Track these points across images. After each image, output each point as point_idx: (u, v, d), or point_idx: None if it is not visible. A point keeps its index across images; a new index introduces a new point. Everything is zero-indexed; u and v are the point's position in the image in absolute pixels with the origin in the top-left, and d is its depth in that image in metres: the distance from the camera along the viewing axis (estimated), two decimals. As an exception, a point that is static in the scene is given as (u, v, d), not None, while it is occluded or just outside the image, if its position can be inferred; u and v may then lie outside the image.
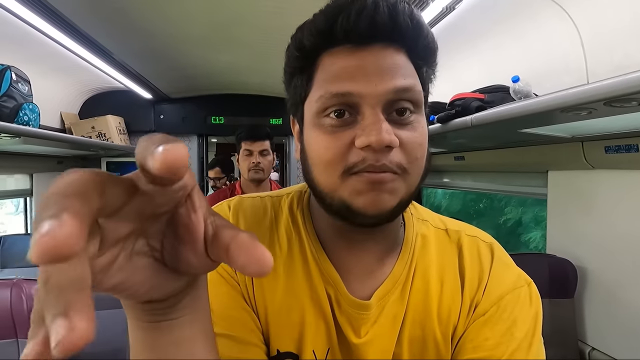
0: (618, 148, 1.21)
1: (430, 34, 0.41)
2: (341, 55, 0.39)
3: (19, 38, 1.75)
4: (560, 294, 1.42)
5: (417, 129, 0.40)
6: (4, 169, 2.28)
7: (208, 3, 1.55)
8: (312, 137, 0.41)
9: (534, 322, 0.44)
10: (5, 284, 1.18)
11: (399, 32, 0.38)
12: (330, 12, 0.39)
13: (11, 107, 1.71)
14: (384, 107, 0.38)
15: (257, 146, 1.70)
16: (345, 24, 0.37)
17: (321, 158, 0.40)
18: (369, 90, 0.38)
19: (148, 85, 2.74)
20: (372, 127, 0.37)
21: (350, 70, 0.38)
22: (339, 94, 0.38)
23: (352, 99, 0.38)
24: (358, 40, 0.38)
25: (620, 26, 1.12)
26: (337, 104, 0.39)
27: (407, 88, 0.39)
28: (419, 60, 0.41)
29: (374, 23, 0.37)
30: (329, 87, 0.39)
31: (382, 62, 0.38)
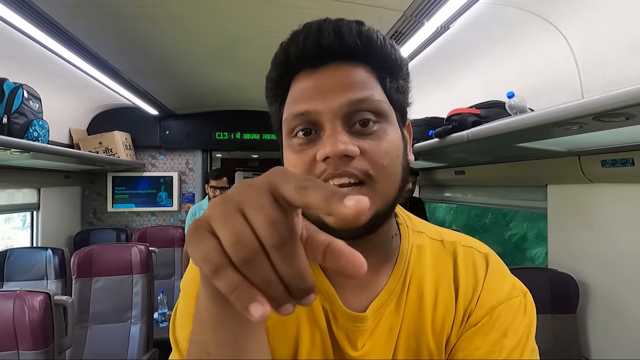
0: (614, 162, 1.22)
1: (387, 47, 0.43)
2: (301, 80, 0.42)
3: (31, 58, 1.82)
4: (562, 310, 1.40)
5: (383, 138, 0.41)
6: (13, 184, 2.33)
7: (212, 24, 1.61)
8: (286, 158, 0.44)
9: (527, 332, 0.44)
10: (8, 295, 1.20)
11: (347, 50, 0.41)
12: (285, 44, 0.42)
13: (22, 124, 1.77)
14: (343, 120, 0.40)
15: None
16: (296, 51, 0.41)
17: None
18: (324, 106, 0.40)
19: (154, 102, 2.81)
20: (329, 139, 0.39)
21: (308, 92, 0.41)
22: (299, 114, 0.41)
23: (312, 117, 0.41)
24: (312, 64, 0.41)
25: (611, 44, 1.15)
26: (300, 123, 0.41)
27: (363, 99, 0.40)
28: (379, 72, 0.43)
29: (320, 46, 0.40)
30: (291, 109, 0.42)
31: (336, 79, 0.41)
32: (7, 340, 1.15)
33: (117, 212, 3.32)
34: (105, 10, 1.44)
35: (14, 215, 3.74)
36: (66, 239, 2.95)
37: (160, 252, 2.45)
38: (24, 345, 1.16)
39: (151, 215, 3.39)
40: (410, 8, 1.31)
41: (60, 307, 1.30)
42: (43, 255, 2.17)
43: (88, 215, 3.28)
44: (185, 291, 0.46)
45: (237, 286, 0.22)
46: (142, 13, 1.49)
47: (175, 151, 3.40)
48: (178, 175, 3.39)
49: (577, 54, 1.26)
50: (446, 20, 1.35)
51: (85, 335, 1.93)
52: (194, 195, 3.44)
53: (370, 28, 0.42)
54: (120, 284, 2.02)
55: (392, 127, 0.43)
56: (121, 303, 2.01)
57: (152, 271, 2.13)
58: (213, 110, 3.29)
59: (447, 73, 1.89)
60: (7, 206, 2.40)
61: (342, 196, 0.21)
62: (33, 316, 1.18)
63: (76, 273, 1.96)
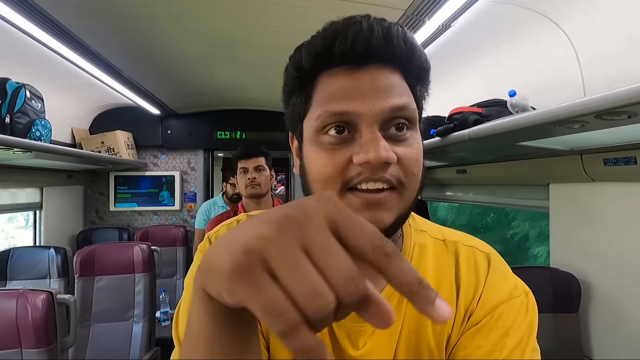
0: (616, 161, 1.22)
1: (423, 55, 0.43)
2: (339, 76, 0.41)
3: (34, 57, 1.83)
4: (564, 309, 1.40)
5: (413, 145, 0.42)
6: (16, 183, 2.34)
7: (212, 24, 1.61)
8: (311, 154, 0.43)
9: (528, 331, 0.44)
10: (11, 294, 1.20)
11: (393, 54, 0.40)
12: (327, 35, 0.40)
13: (24, 123, 1.77)
14: (381, 124, 0.40)
15: (251, 163, 1.76)
16: (343, 47, 0.39)
17: (320, 174, 0.41)
18: (366, 109, 0.39)
19: (156, 101, 2.82)
20: (370, 144, 0.38)
21: (347, 91, 0.40)
22: (337, 113, 0.40)
23: (350, 118, 0.40)
24: (354, 62, 0.40)
25: (614, 42, 1.14)
26: (335, 122, 0.40)
27: (403, 106, 0.40)
28: (412, 79, 0.43)
29: (370, 46, 0.39)
30: (327, 106, 0.40)
31: (377, 82, 0.40)
32: (10, 339, 1.16)
33: (119, 211, 3.33)
34: (107, 10, 1.45)
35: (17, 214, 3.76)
36: (69, 238, 2.96)
37: (162, 251, 2.46)
38: (26, 344, 1.17)
39: (153, 215, 3.40)
40: (411, 6, 1.31)
41: (63, 305, 1.31)
42: (46, 254, 2.18)
43: (90, 215, 3.29)
44: (188, 289, 0.46)
45: (314, 348, 0.19)
46: (144, 13, 1.49)
47: (177, 150, 3.41)
48: (180, 174, 3.40)
49: (579, 52, 1.26)
50: (447, 18, 1.34)
51: (87, 334, 1.94)
52: (195, 195, 3.45)
53: (413, 37, 0.42)
54: (122, 283, 2.03)
55: (418, 135, 0.44)
56: (123, 302, 2.02)
57: (154, 270, 2.14)
58: (214, 109, 3.29)
59: (448, 72, 1.88)
60: (11, 205, 2.41)
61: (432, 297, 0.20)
62: (36, 315, 1.18)
63: (79, 272, 1.97)
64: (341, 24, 0.40)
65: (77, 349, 1.87)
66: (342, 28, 0.40)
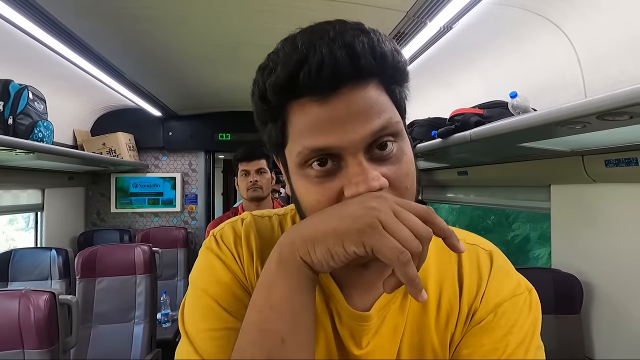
0: (618, 162, 1.22)
1: (395, 56, 0.40)
2: (310, 107, 0.38)
3: (36, 59, 1.84)
4: (566, 310, 1.40)
5: (402, 159, 0.40)
6: (18, 184, 2.35)
7: (215, 26, 1.62)
8: (300, 186, 0.41)
9: (532, 328, 0.44)
10: (14, 294, 1.21)
11: (362, 72, 0.37)
12: (289, 65, 0.37)
13: (27, 125, 1.78)
14: (365, 149, 0.38)
15: (253, 165, 1.74)
16: (308, 80, 0.36)
17: (313, 208, 0.40)
18: (347, 140, 0.37)
19: (157, 103, 2.83)
20: (359, 177, 0.37)
21: (323, 123, 0.37)
22: (317, 149, 0.38)
23: (332, 151, 0.38)
24: (324, 92, 0.37)
25: (614, 43, 1.15)
26: (318, 156, 0.39)
27: (385, 126, 0.38)
28: (389, 85, 0.41)
29: (337, 73, 0.36)
30: (305, 142, 0.38)
31: (352, 107, 0.37)
32: (12, 339, 1.16)
33: (120, 212, 3.33)
34: (109, 12, 1.45)
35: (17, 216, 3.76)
36: (70, 240, 2.96)
37: (163, 252, 2.46)
38: (29, 344, 1.17)
39: (154, 216, 3.41)
40: (413, 8, 1.31)
41: (65, 306, 1.31)
42: (47, 255, 2.19)
43: (92, 216, 3.29)
44: (195, 285, 0.46)
45: (417, 276, 0.33)
46: (146, 14, 1.50)
47: (178, 152, 3.41)
48: (181, 176, 3.40)
49: (580, 53, 1.26)
50: (449, 20, 1.35)
51: (88, 335, 1.94)
52: (196, 196, 3.46)
53: (381, 39, 0.39)
54: (123, 284, 2.03)
55: (406, 143, 0.42)
56: (125, 303, 2.02)
57: (155, 271, 2.14)
58: (216, 111, 3.30)
59: (449, 73, 1.89)
60: (12, 207, 2.42)
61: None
62: (38, 315, 1.18)
63: (80, 273, 1.97)
64: (300, 50, 0.37)
65: (78, 350, 1.86)
66: (303, 58, 0.36)
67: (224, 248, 0.48)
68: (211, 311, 0.43)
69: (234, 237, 0.49)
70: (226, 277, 0.46)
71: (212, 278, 0.46)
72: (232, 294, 0.45)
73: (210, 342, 0.41)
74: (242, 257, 0.48)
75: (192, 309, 0.45)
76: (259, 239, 0.49)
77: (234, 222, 0.51)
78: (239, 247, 0.48)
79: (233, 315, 0.43)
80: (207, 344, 0.41)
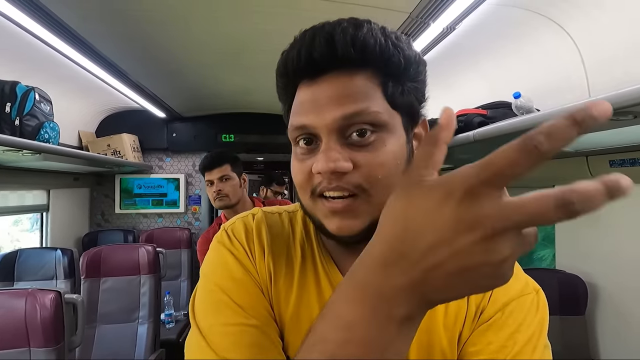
0: (622, 162, 1.22)
1: (389, 49, 0.40)
2: (302, 90, 0.42)
3: (43, 61, 1.86)
4: (570, 311, 1.39)
5: (379, 149, 0.40)
6: (24, 185, 2.37)
7: (219, 29, 1.63)
8: (291, 162, 0.45)
9: (539, 327, 0.44)
10: (20, 293, 1.22)
11: (340, 60, 0.39)
12: (285, 52, 0.42)
13: (33, 126, 1.80)
14: (339, 133, 0.40)
15: (215, 174, 1.67)
16: (292, 64, 0.41)
17: (296, 182, 0.44)
18: (320, 121, 0.40)
19: (162, 104, 2.84)
20: (322, 155, 0.40)
21: (305, 105, 0.41)
22: (299, 127, 0.42)
23: (310, 130, 0.41)
24: (309, 75, 0.41)
25: (619, 44, 1.14)
26: (300, 134, 0.42)
27: (357, 112, 0.39)
28: (381, 77, 0.41)
29: (312, 58, 0.39)
30: (293, 120, 0.43)
31: (331, 92, 0.40)
32: (19, 338, 1.17)
33: (125, 213, 3.35)
34: (115, 14, 1.47)
35: (22, 217, 3.79)
36: (75, 240, 2.98)
37: (167, 253, 2.47)
38: (35, 343, 1.18)
39: (158, 217, 3.42)
40: (416, 9, 1.32)
41: (70, 305, 1.32)
42: (52, 255, 2.20)
43: (96, 217, 3.31)
44: (208, 279, 0.47)
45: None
46: (151, 17, 1.51)
47: (182, 153, 3.43)
48: (185, 177, 3.42)
49: (584, 54, 1.26)
50: (452, 21, 1.35)
51: (93, 335, 1.95)
52: (200, 197, 3.47)
53: (370, 30, 0.40)
54: (128, 285, 2.04)
55: (392, 136, 0.42)
56: (129, 303, 2.03)
57: (159, 272, 2.15)
58: (219, 113, 3.31)
59: (453, 74, 1.89)
60: (18, 207, 2.44)
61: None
62: (44, 314, 1.19)
63: (85, 273, 1.99)
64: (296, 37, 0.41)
65: (83, 349, 1.88)
66: (293, 43, 0.41)
67: (236, 243, 0.49)
68: (224, 306, 0.44)
69: (245, 232, 0.50)
70: (239, 273, 0.46)
71: (225, 273, 0.46)
72: (245, 289, 0.46)
73: (223, 337, 0.42)
74: (253, 252, 0.48)
75: (204, 303, 0.45)
76: (269, 235, 0.50)
77: (245, 217, 0.52)
78: (250, 242, 0.49)
79: (245, 310, 0.44)
80: (220, 339, 0.42)
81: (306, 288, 0.48)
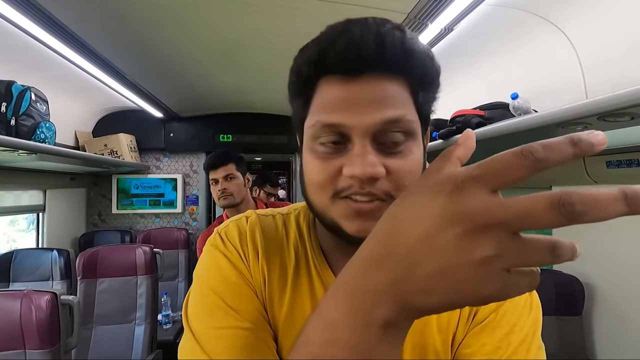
0: (619, 163, 1.22)
1: (426, 60, 0.41)
2: (334, 85, 0.40)
3: (39, 61, 1.85)
4: (567, 312, 1.40)
5: (408, 157, 0.41)
6: (20, 185, 2.35)
7: (216, 29, 1.63)
8: (307, 160, 0.43)
9: (533, 328, 0.45)
10: (16, 294, 1.21)
11: (388, 63, 0.39)
12: (322, 43, 0.40)
13: (29, 126, 1.79)
14: (373, 137, 0.39)
15: (220, 172, 1.70)
16: (335, 57, 0.38)
17: (313, 181, 0.42)
18: (357, 122, 0.39)
19: (159, 104, 2.83)
20: (358, 158, 0.38)
21: (340, 102, 0.39)
22: (329, 125, 0.40)
23: (342, 129, 0.40)
24: (349, 72, 0.39)
25: (616, 45, 1.15)
26: (328, 133, 0.40)
27: (397, 119, 0.39)
28: (414, 86, 0.41)
29: (360, 56, 0.38)
30: (321, 116, 0.40)
31: (371, 93, 0.39)
32: (14, 340, 1.16)
33: (122, 214, 3.34)
34: (111, 14, 1.46)
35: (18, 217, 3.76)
36: (71, 241, 2.97)
37: (164, 253, 2.46)
38: (30, 345, 1.17)
39: (155, 217, 3.41)
40: (414, 10, 1.32)
41: (66, 306, 1.31)
42: (49, 256, 2.19)
43: (93, 217, 3.30)
44: (201, 282, 0.46)
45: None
46: (148, 17, 1.51)
47: (180, 153, 3.42)
48: (182, 177, 3.41)
49: (581, 55, 1.26)
50: (450, 22, 1.35)
51: (90, 336, 1.94)
52: (197, 197, 3.46)
53: (413, 38, 0.40)
54: (125, 285, 2.03)
55: (417, 144, 0.42)
56: (126, 304, 2.02)
57: (156, 272, 2.14)
58: (217, 113, 3.31)
59: (450, 75, 1.89)
60: (14, 208, 2.42)
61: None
62: (40, 315, 1.19)
63: (81, 274, 1.97)
64: (336, 30, 0.39)
65: (79, 351, 1.87)
66: (336, 36, 0.39)
67: (230, 246, 0.48)
68: (218, 309, 0.43)
69: (239, 235, 0.49)
70: (232, 276, 0.46)
71: (219, 276, 0.46)
72: (239, 292, 0.45)
73: (216, 340, 0.41)
74: (247, 255, 0.48)
75: (198, 306, 0.45)
76: (263, 238, 0.49)
77: (239, 220, 0.52)
78: (244, 245, 0.49)
79: (239, 313, 0.43)
80: (214, 342, 0.41)
81: (300, 290, 0.48)
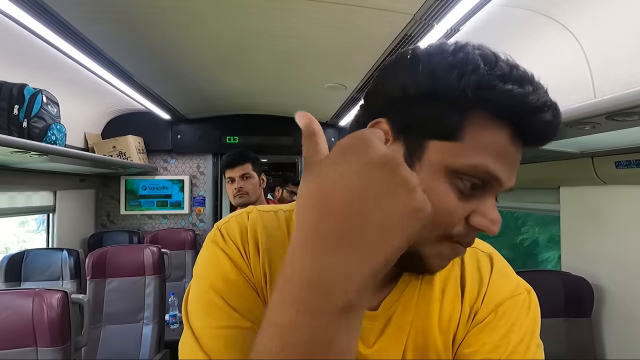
0: (628, 163, 1.21)
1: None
2: (502, 133, 0.38)
3: (50, 63, 1.88)
4: (576, 313, 1.38)
5: None
6: (31, 186, 2.39)
7: (223, 31, 1.64)
8: (439, 189, 0.39)
9: (532, 327, 0.45)
10: (28, 293, 1.23)
11: (546, 140, 0.40)
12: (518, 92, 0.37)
13: (41, 128, 1.82)
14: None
15: (236, 172, 1.74)
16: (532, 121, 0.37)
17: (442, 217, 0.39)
18: (507, 182, 0.39)
19: (166, 106, 2.87)
20: (492, 214, 0.39)
21: (505, 156, 0.39)
22: (488, 173, 0.38)
23: (491, 180, 0.39)
24: (526, 133, 0.39)
25: (624, 44, 1.14)
26: (480, 177, 0.38)
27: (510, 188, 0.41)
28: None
29: (548, 132, 0.39)
30: (486, 161, 0.38)
31: (517, 160, 0.40)
32: (26, 337, 1.18)
33: (130, 214, 3.38)
34: (120, 17, 1.49)
35: (28, 218, 3.82)
36: (80, 241, 3.00)
37: (172, 254, 2.48)
38: (42, 342, 1.19)
39: (162, 218, 3.44)
40: (420, 11, 1.32)
41: (76, 305, 1.33)
42: (59, 256, 2.22)
43: (102, 218, 3.34)
44: (200, 279, 0.45)
45: None
46: (156, 19, 1.53)
47: (187, 155, 3.45)
48: (189, 178, 3.43)
49: (589, 55, 1.25)
50: (456, 22, 1.35)
51: (98, 335, 1.97)
52: (204, 199, 3.48)
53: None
54: (133, 285, 2.06)
55: None
56: (134, 304, 2.05)
57: (164, 272, 2.16)
58: (224, 114, 3.33)
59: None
60: (26, 208, 2.46)
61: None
62: (51, 314, 1.21)
63: (90, 274, 2.00)
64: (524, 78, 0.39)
65: (88, 349, 1.89)
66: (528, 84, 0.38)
67: (230, 243, 0.46)
68: (217, 308, 0.42)
69: (239, 231, 0.48)
70: (232, 274, 0.45)
71: (218, 274, 0.45)
72: (238, 290, 0.44)
73: (216, 340, 0.41)
74: (248, 252, 0.46)
75: (197, 304, 0.44)
76: (265, 234, 0.48)
77: (240, 216, 0.50)
78: (245, 242, 0.47)
79: (239, 312, 0.43)
80: (213, 341, 0.41)
81: None
